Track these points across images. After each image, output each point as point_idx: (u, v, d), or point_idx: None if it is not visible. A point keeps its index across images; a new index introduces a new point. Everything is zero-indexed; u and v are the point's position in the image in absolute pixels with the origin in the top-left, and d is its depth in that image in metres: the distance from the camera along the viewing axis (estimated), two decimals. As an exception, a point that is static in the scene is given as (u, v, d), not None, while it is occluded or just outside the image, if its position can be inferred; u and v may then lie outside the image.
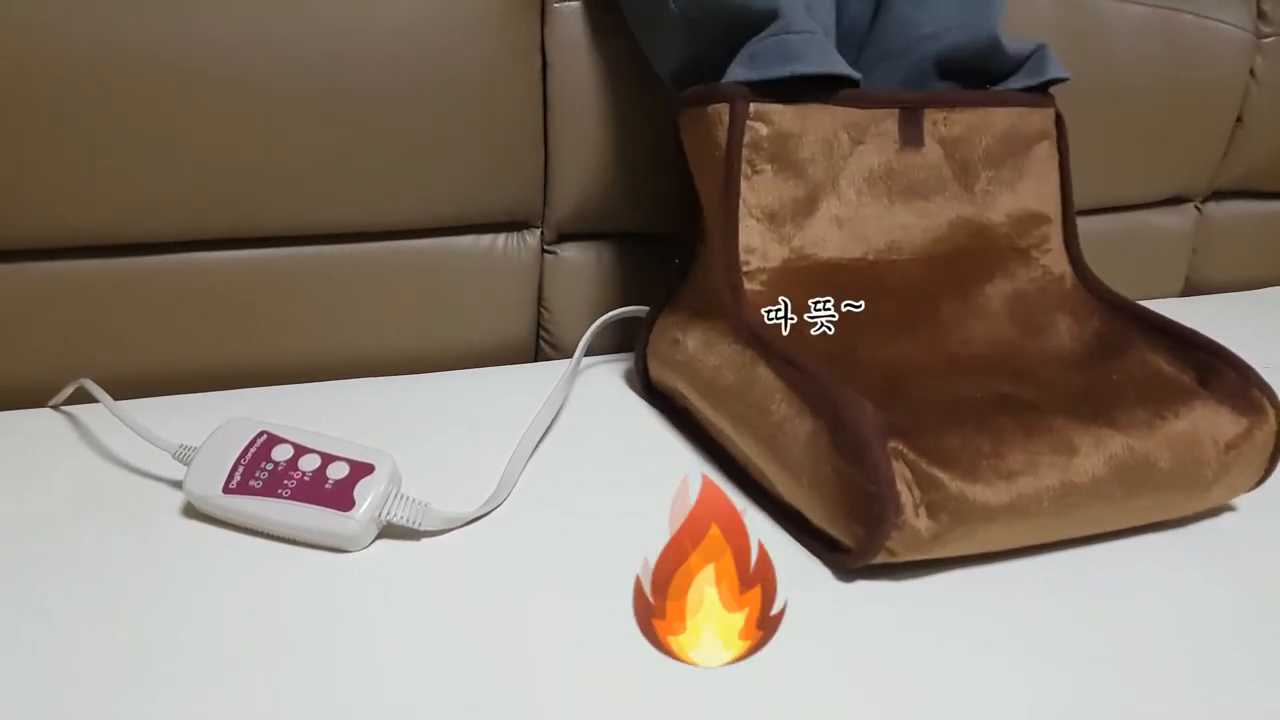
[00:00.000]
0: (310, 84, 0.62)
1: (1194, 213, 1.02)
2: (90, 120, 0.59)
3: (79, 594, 0.44)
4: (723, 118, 0.56)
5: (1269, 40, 0.94)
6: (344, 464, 0.48)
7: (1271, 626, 0.47)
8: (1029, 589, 0.48)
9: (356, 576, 0.46)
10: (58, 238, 0.62)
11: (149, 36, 0.58)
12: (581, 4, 0.68)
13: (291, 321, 0.68)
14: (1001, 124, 0.63)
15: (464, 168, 0.69)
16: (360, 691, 0.39)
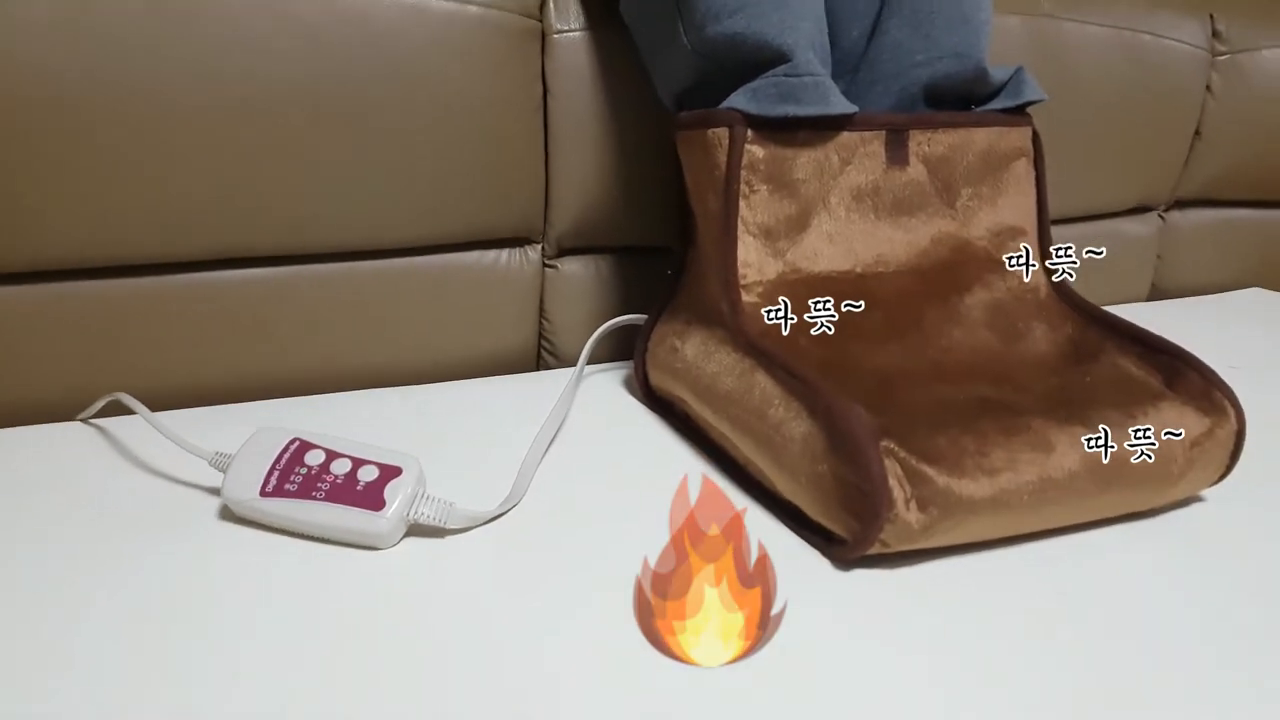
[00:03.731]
0: (327, 112, 0.65)
1: (1158, 221, 1.07)
2: (119, 148, 0.61)
3: (124, 595, 0.46)
4: (722, 141, 0.60)
5: (1223, 58, 1.00)
6: (373, 467, 0.51)
7: (1234, 606, 0.51)
8: (1012, 576, 0.52)
9: (387, 572, 0.49)
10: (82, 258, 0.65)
11: (176, 70, 0.61)
12: (580, 35, 0.72)
13: (307, 335, 0.71)
14: (981, 143, 0.66)
15: (469, 188, 0.72)
16: (394, 678, 0.42)
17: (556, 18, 0.71)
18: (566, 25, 0.72)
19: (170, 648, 0.43)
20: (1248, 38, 1.01)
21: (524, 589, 0.49)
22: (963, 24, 0.67)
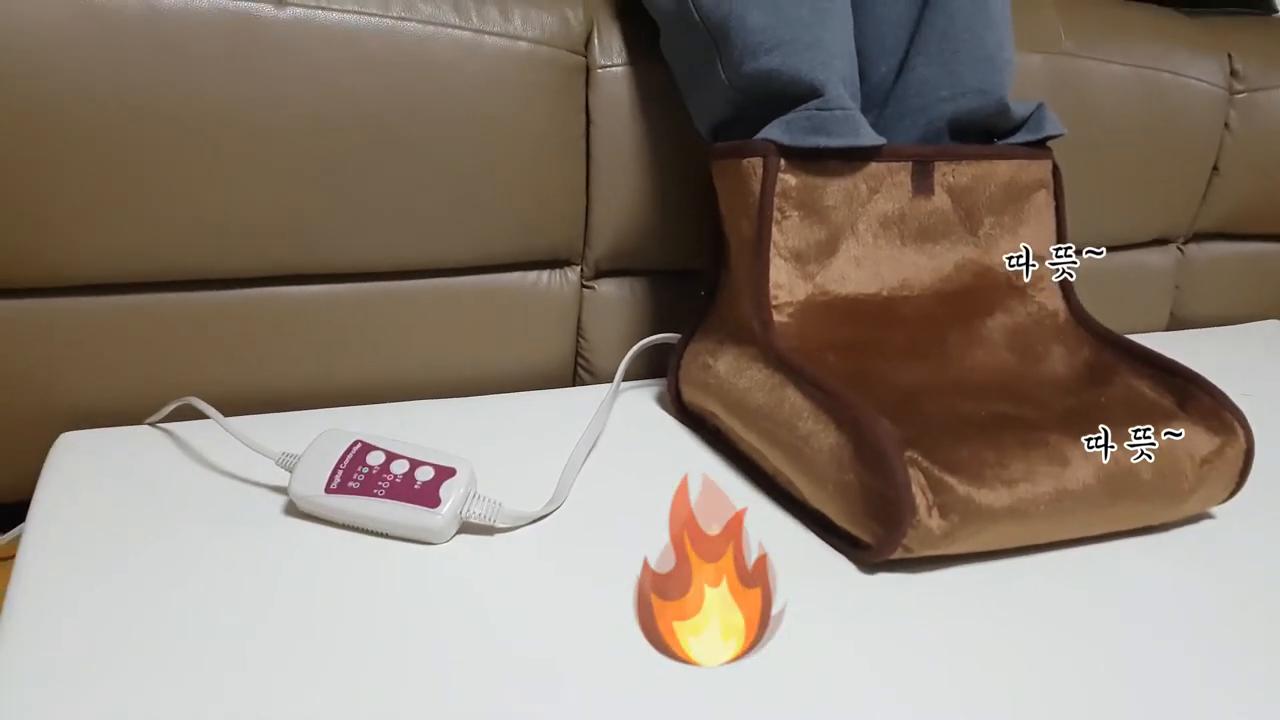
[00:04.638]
0: (383, 141, 0.70)
1: (1176, 253, 1.09)
2: (195, 170, 0.66)
3: (197, 584, 0.50)
4: (756, 170, 0.63)
5: (1241, 96, 1.03)
6: (430, 468, 0.55)
7: (1240, 616, 0.53)
8: (1030, 584, 0.55)
9: (442, 565, 0.53)
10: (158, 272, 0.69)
11: (254, 99, 0.66)
12: (622, 70, 0.76)
13: (363, 347, 0.76)
14: (1004, 175, 0.70)
15: (514, 213, 0.76)
16: (447, 659, 0.46)
17: (600, 53, 0.76)
18: (610, 60, 0.76)
19: (243, 632, 0.47)
20: (1265, 77, 1.03)
21: (564, 583, 0.52)
22: (986, 62, 0.71)
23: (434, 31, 0.69)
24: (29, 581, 0.50)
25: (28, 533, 0.54)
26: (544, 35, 0.73)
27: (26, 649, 0.45)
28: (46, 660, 0.44)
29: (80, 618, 0.47)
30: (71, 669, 0.44)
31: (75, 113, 0.62)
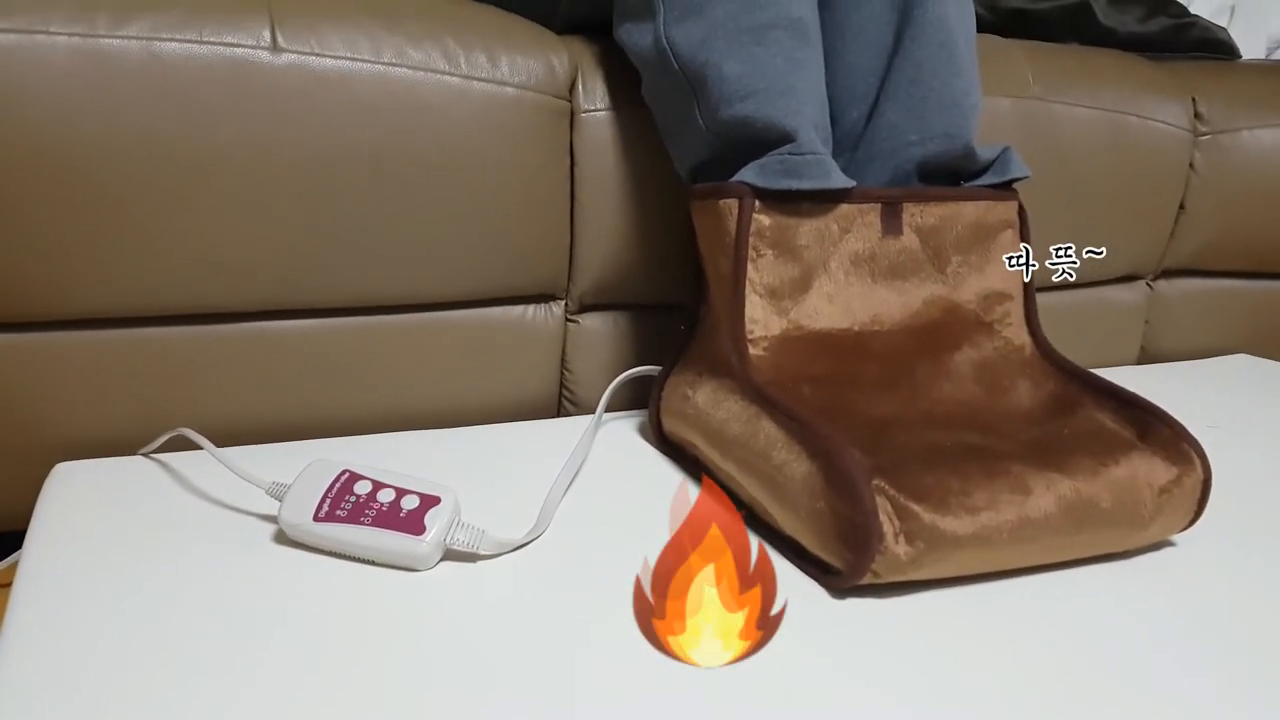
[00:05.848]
0: (374, 181, 0.72)
1: (1145, 289, 1.13)
2: (189, 205, 0.68)
3: (188, 610, 0.52)
4: (732, 210, 0.66)
5: (1205, 138, 1.06)
6: (415, 496, 0.57)
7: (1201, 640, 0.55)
8: (993, 609, 0.56)
9: (426, 591, 0.55)
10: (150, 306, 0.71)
11: (254, 139, 0.68)
12: (605, 114, 0.79)
13: (352, 379, 0.78)
14: (971, 215, 0.73)
15: (500, 250, 0.79)
16: (431, 685, 0.47)
17: (584, 98, 0.79)
18: (593, 105, 0.79)
19: (234, 657, 0.48)
20: (1228, 119, 1.07)
21: (546, 609, 0.54)
22: (952, 107, 0.74)
23: (424, 77, 0.72)
24: (25, 607, 0.51)
25: (24, 560, 0.56)
26: (530, 81, 0.76)
27: (23, 674, 0.46)
28: (43, 685, 0.45)
29: (76, 642, 0.48)
30: (68, 693, 0.45)
31: (76, 153, 0.65)
